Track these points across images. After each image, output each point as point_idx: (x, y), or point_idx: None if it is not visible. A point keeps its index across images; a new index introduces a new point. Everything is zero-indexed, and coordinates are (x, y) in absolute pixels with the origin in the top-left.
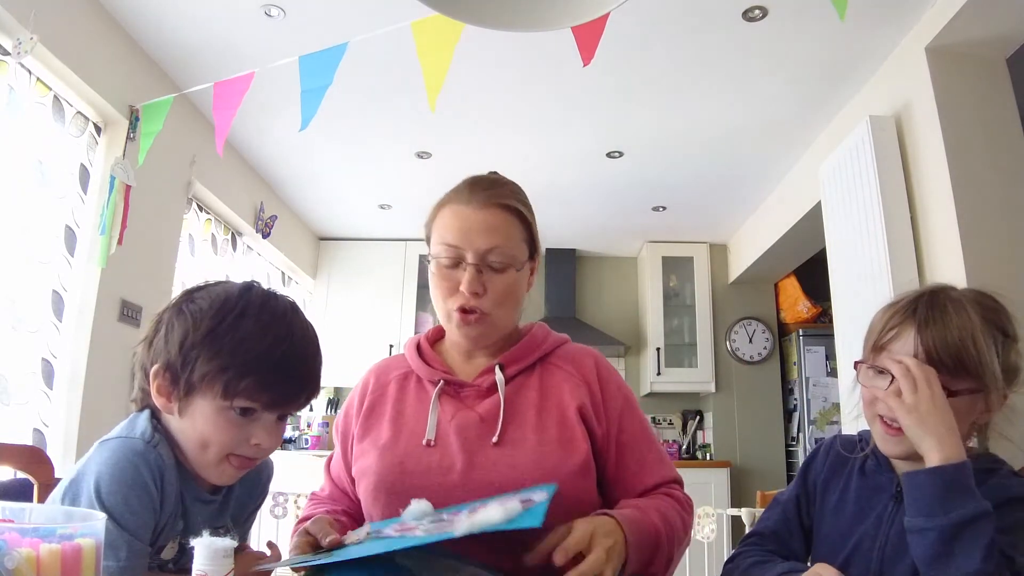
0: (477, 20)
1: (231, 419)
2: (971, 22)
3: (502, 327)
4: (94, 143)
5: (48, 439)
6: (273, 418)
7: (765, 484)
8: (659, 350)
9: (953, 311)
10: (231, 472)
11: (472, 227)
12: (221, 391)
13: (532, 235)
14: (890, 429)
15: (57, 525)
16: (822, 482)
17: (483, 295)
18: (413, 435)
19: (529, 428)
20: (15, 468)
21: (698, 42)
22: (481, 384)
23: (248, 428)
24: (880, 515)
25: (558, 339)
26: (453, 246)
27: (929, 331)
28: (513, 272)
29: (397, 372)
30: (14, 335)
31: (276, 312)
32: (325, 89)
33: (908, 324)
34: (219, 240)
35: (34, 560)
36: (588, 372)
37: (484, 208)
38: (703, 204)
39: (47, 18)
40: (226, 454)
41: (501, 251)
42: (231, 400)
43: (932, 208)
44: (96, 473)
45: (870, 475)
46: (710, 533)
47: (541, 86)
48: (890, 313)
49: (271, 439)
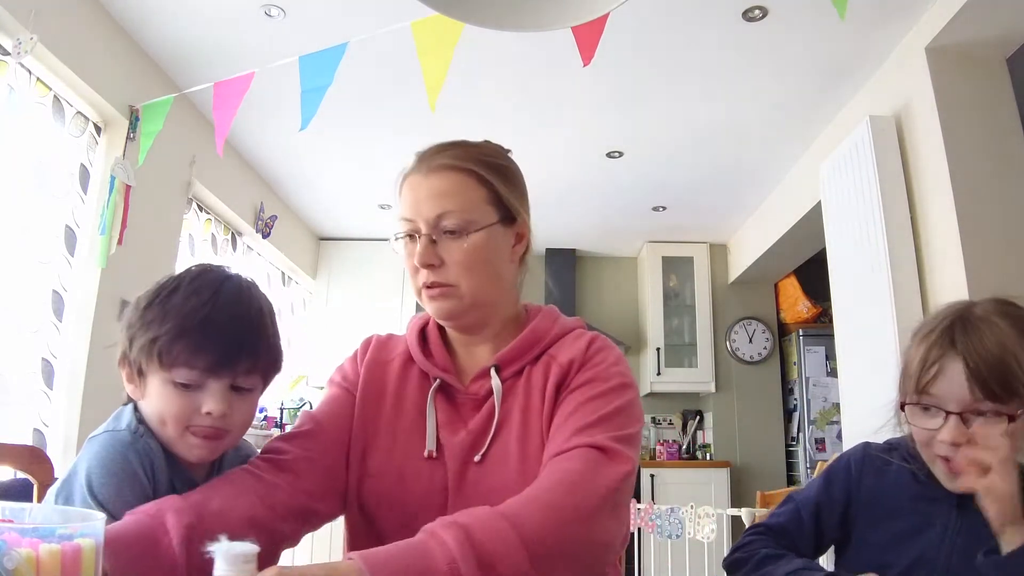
0: (477, 20)
1: (177, 391)
2: (971, 22)
3: (481, 301)
4: (94, 143)
5: (48, 439)
6: (221, 385)
7: (765, 484)
8: (659, 350)
9: (987, 330)
10: (198, 443)
11: (420, 195)
12: (159, 363)
13: (500, 196)
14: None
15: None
16: (867, 490)
17: (441, 266)
18: (411, 439)
19: (514, 440)
20: (15, 468)
21: (698, 42)
22: (477, 392)
23: (197, 398)
24: (945, 524)
25: (564, 327)
26: (407, 219)
27: (971, 359)
28: (476, 237)
29: (400, 354)
30: (14, 335)
31: (206, 281)
32: (325, 89)
33: (950, 358)
34: (219, 240)
35: (34, 560)
36: (573, 361)
37: (432, 173)
38: (703, 204)
39: (47, 18)
40: (184, 426)
41: (454, 215)
42: (171, 371)
43: (932, 208)
44: (87, 468)
45: (926, 483)
46: (710, 533)
47: (541, 86)
48: (925, 347)
49: (220, 405)
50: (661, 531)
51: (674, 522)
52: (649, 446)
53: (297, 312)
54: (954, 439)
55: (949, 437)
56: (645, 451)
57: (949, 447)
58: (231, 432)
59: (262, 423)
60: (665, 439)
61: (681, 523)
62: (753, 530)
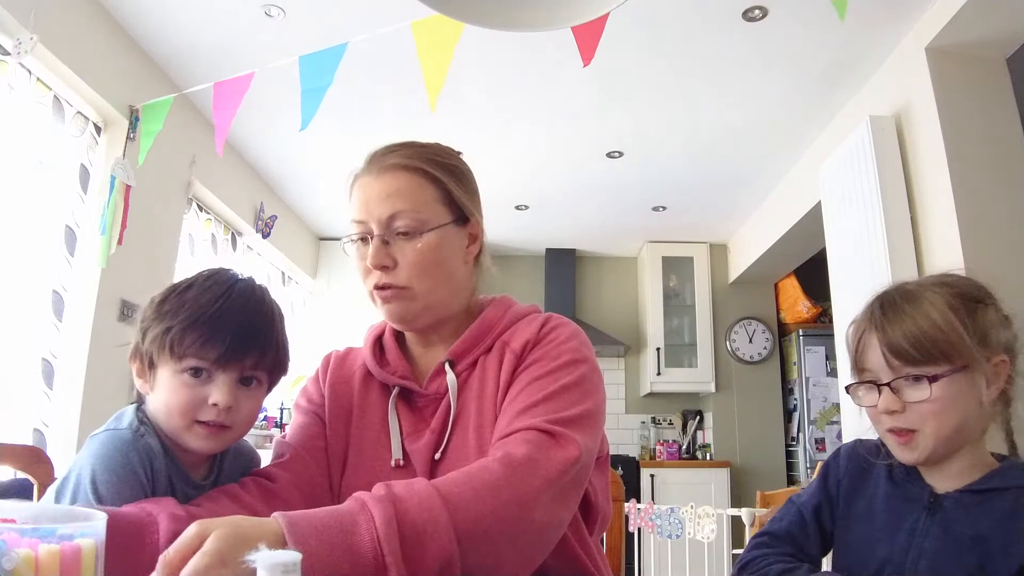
0: (477, 20)
1: (186, 381)
2: (971, 22)
3: (434, 303)
4: (94, 143)
5: (48, 439)
6: (228, 379)
7: (765, 484)
8: (659, 350)
9: (906, 302)
10: (204, 435)
11: (371, 196)
12: (169, 353)
13: (452, 196)
14: (901, 436)
15: (57, 525)
16: (846, 488)
17: (394, 268)
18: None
19: (472, 432)
20: (15, 468)
21: (698, 42)
22: (437, 390)
23: (204, 389)
24: (913, 527)
25: (517, 313)
26: (359, 221)
27: (887, 332)
28: (429, 237)
29: (360, 367)
30: (14, 335)
31: (221, 279)
32: (325, 89)
33: (869, 332)
34: (219, 240)
35: (32, 560)
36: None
37: (383, 174)
38: (703, 204)
39: (47, 18)
40: (191, 418)
41: (407, 215)
42: (181, 361)
43: (932, 208)
44: (90, 466)
45: (900, 484)
46: (710, 533)
47: (541, 86)
48: (853, 328)
49: (227, 397)
50: (661, 531)
51: (674, 522)
52: (649, 446)
53: (297, 312)
54: (887, 407)
55: (883, 406)
56: (645, 451)
57: (888, 417)
58: (236, 427)
59: (262, 423)
60: (665, 439)
61: (681, 523)
62: (757, 541)
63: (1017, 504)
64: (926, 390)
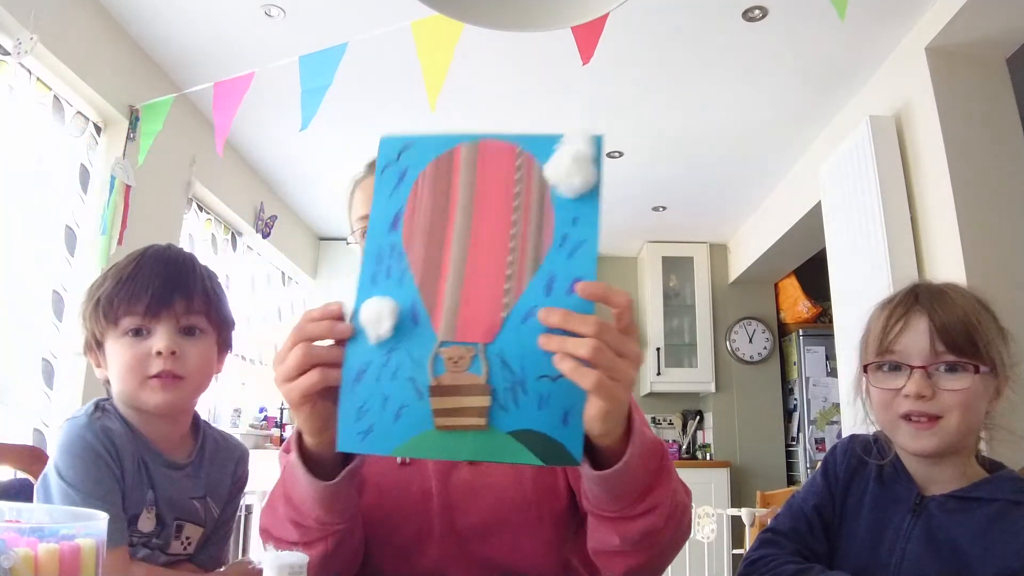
0: (477, 20)
1: (128, 343)
2: (971, 22)
3: None
4: (94, 143)
5: (48, 439)
6: (166, 328)
7: (765, 484)
8: (659, 350)
9: (952, 294)
10: (157, 388)
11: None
12: (106, 321)
13: None
14: (921, 424)
15: (58, 525)
16: (843, 482)
17: None
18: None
19: None
20: (15, 468)
21: (698, 42)
22: None
23: (147, 344)
24: (898, 528)
25: None
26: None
27: (938, 314)
28: None
29: None
30: (14, 335)
31: (140, 249)
32: (325, 89)
33: (915, 313)
34: (219, 240)
35: (32, 560)
36: None
37: None
38: (703, 204)
39: (47, 18)
40: (142, 375)
41: None
42: (118, 325)
43: (932, 208)
44: (54, 458)
45: (888, 484)
46: (710, 533)
47: (541, 86)
48: (889, 310)
49: (167, 341)
50: None
51: None
52: None
53: (297, 312)
54: (919, 390)
55: (915, 389)
56: None
57: (913, 401)
58: (189, 377)
59: (262, 423)
60: (665, 439)
61: None
62: (764, 539)
63: (1000, 516)
64: (966, 379)
